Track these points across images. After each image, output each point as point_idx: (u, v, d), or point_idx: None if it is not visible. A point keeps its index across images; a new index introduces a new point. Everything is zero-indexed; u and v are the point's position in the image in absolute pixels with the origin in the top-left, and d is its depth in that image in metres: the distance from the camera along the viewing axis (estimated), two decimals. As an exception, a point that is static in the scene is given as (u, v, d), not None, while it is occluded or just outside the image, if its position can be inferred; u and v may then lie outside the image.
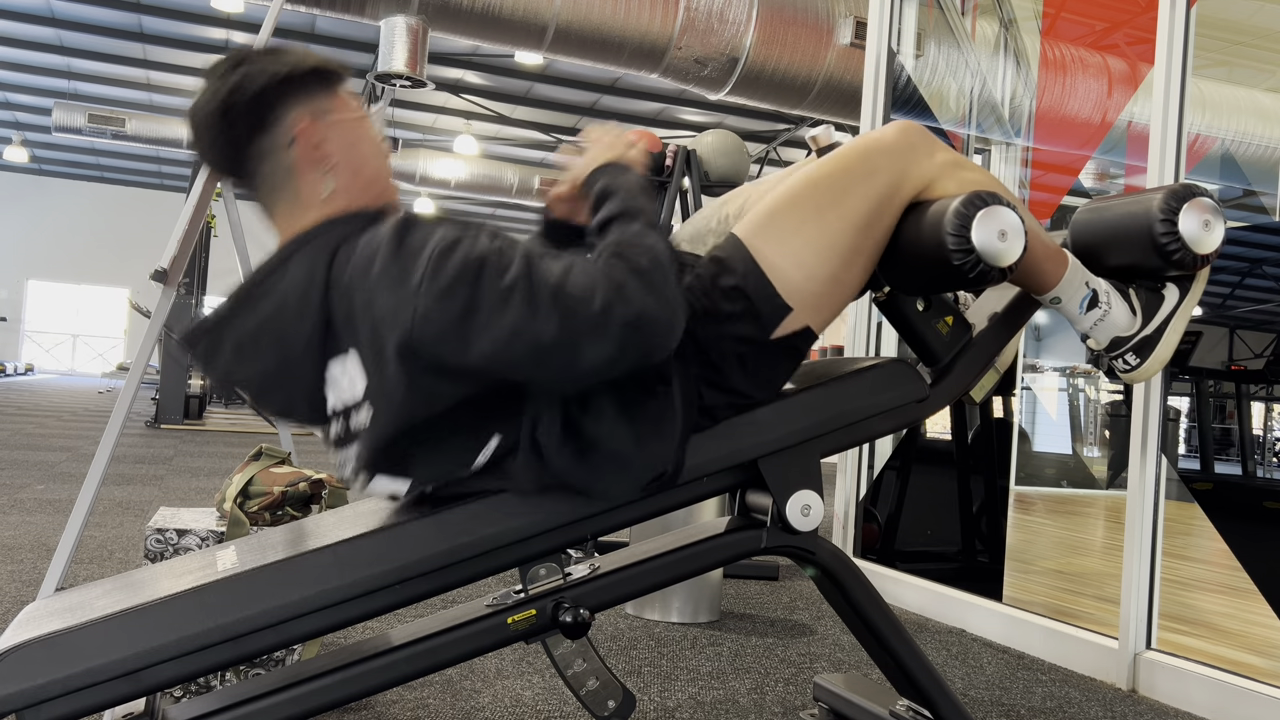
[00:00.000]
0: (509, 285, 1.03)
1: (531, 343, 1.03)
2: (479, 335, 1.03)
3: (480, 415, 1.14)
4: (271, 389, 1.18)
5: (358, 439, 1.15)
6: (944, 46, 3.59)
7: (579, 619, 1.17)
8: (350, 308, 1.10)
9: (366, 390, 1.12)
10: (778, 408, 1.28)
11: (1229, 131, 4.58)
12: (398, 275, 1.05)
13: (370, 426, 1.13)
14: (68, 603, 1.14)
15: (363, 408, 1.13)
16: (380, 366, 1.09)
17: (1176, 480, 2.43)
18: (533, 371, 1.07)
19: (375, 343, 1.08)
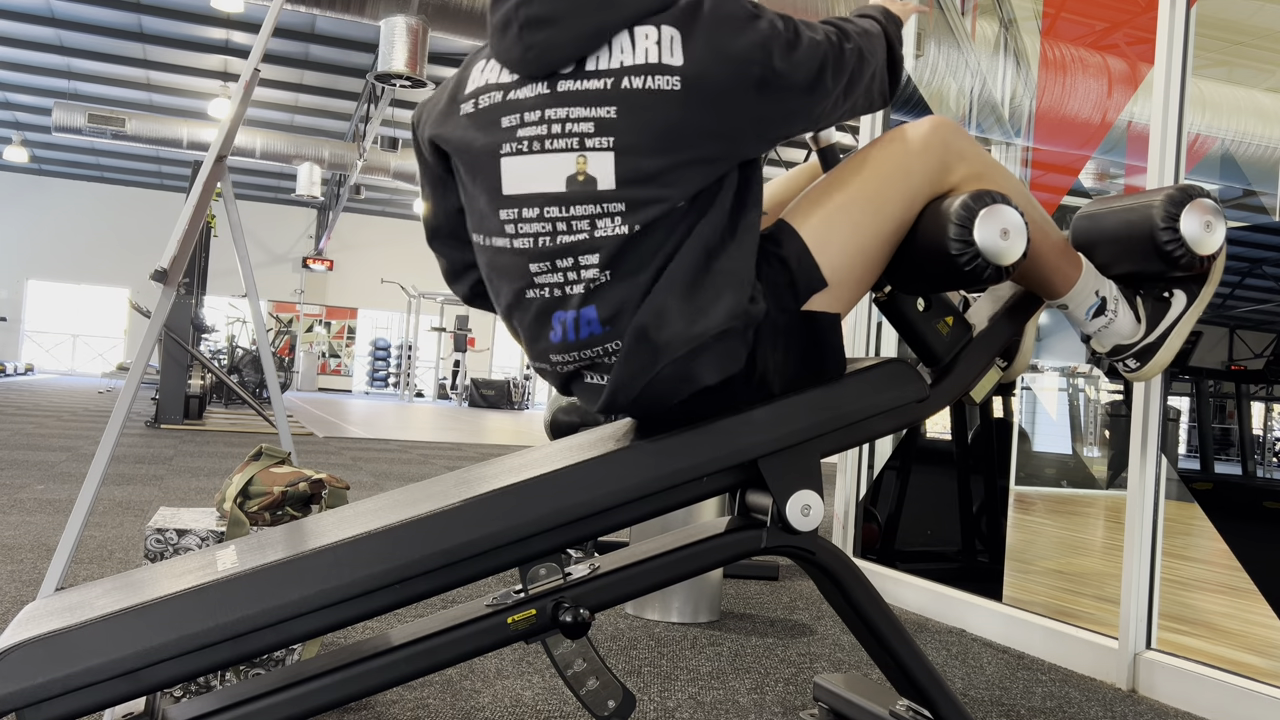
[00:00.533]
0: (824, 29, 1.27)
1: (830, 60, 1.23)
2: (803, 48, 1.21)
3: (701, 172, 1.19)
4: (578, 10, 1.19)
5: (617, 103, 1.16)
6: (944, 46, 3.59)
7: (579, 619, 1.17)
8: (697, 8, 1.19)
9: (683, 70, 1.16)
10: (778, 408, 1.28)
11: (1229, 131, 4.58)
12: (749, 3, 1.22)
13: (663, 102, 1.15)
14: (68, 602, 1.14)
15: (665, 79, 1.16)
16: (711, 53, 1.16)
17: (1176, 480, 2.43)
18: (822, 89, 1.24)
19: (716, 34, 1.18)
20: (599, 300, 1.20)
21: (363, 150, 14.51)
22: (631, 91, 1.16)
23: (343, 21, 11.11)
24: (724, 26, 1.18)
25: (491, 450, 8.61)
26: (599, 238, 1.18)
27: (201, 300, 9.73)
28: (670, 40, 1.17)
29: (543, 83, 1.20)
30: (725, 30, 1.17)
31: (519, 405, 19.35)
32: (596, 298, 1.20)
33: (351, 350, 24.16)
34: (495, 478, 1.26)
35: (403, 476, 5.85)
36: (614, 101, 1.16)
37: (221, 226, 12.14)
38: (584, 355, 1.24)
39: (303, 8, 6.10)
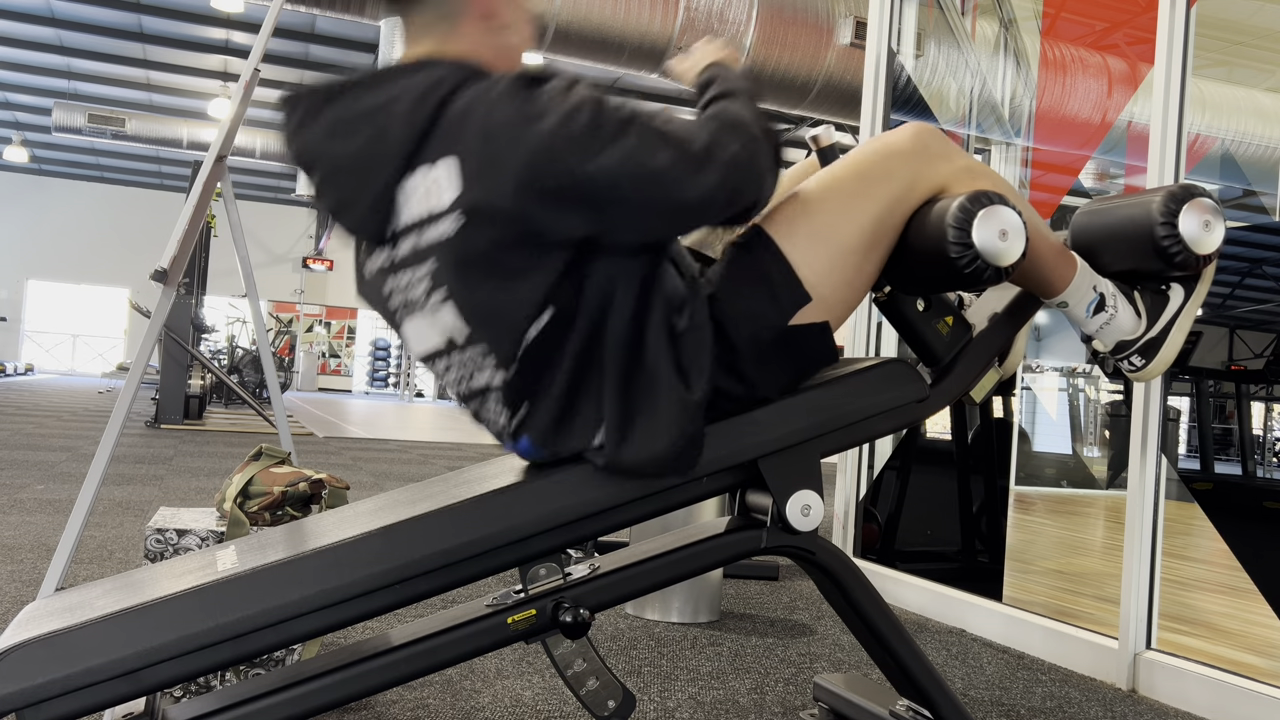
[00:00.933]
0: (628, 118, 1.12)
1: (642, 166, 1.10)
2: (595, 157, 1.09)
3: (543, 286, 1.15)
4: (342, 178, 1.18)
5: (430, 256, 1.15)
6: (944, 46, 3.60)
7: (579, 619, 1.17)
8: (462, 121, 1.12)
9: (457, 200, 1.12)
10: (778, 408, 1.28)
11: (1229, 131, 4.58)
12: (524, 98, 1.11)
13: (455, 237, 1.12)
14: (68, 603, 1.14)
15: (447, 219, 1.13)
16: (485, 178, 1.11)
17: (1176, 480, 2.43)
18: (640, 198, 1.11)
19: (488, 151, 1.10)
20: (528, 432, 1.22)
21: (363, 150, 14.49)
22: (436, 245, 1.15)
23: (343, 21, 11.11)
24: (494, 142, 1.10)
25: (491, 450, 8.61)
26: (492, 384, 1.21)
27: (201, 300, 9.73)
28: (443, 177, 1.12)
29: (387, 248, 1.22)
30: (496, 146, 1.10)
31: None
32: (524, 430, 1.22)
33: (351, 350, 24.15)
34: (495, 478, 1.26)
35: (403, 476, 5.85)
36: (428, 256, 1.16)
37: (221, 226, 12.14)
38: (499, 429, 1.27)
39: (303, 8, 6.10)
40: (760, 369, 1.25)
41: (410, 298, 1.20)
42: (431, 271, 1.16)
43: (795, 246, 1.27)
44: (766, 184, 1.17)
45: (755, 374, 1.25)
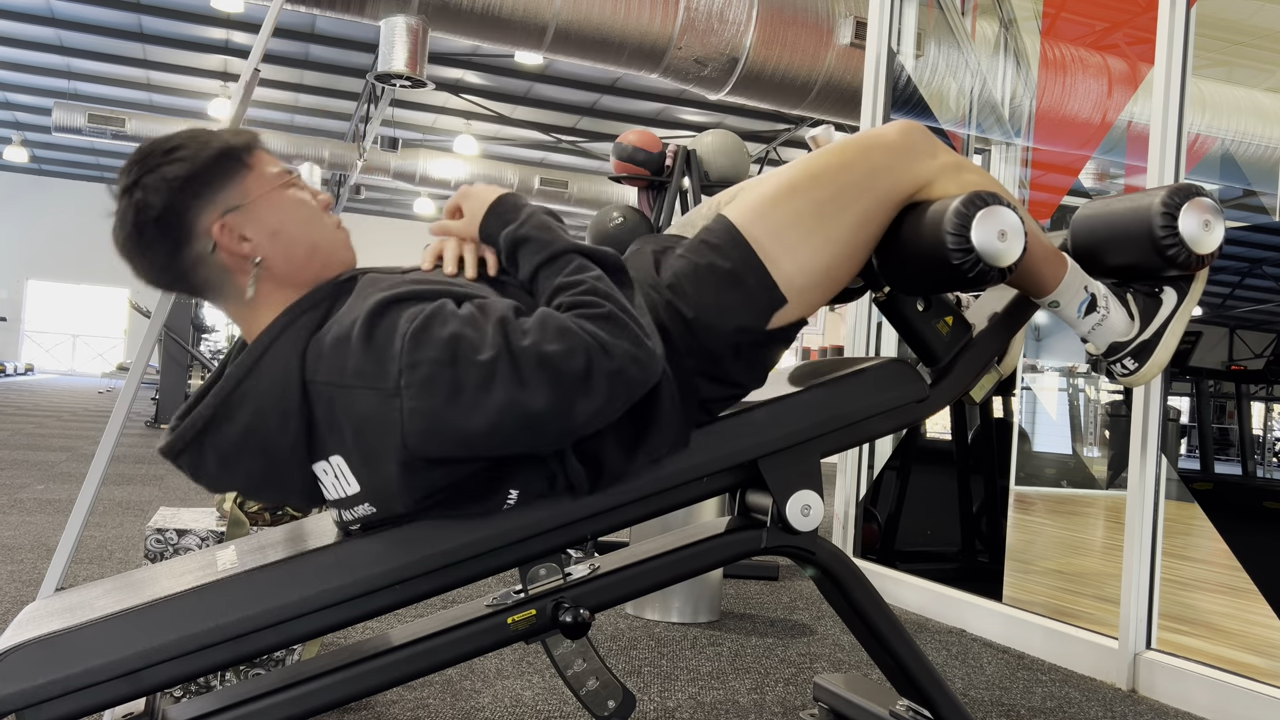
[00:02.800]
0: (490, 360, 1.00)
1: (523, 413, 1.01)
2: (470, 417, 1.01)
3: (491, 479, 1.13)
4: (262, 490, 1.17)
5: (365, 525, 1.15)
6: (944, 46, 3.59)
7: (579, 619, 1.17)
8: (331, 412, 1.06)
9: (362, 491, 1.10)
10: (777, 408, 1.28)
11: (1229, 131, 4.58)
12: (374, 373, 1.02)
13: (379, 514, 1.12)
14: (68, 603, 1.14)
15: (361, 505, 1.12)
16: (373, 469, 1.07)
17: (1176, 480, 2.43)
18: (529, 441, 1.05)
19: (363, 447, 1.06)
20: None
21: (363, 150, 14.50)
22: (362, 519, 1.14)
23: (343, 21, 11.11)
24: (368, 437, 1.05)
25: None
26: None
27: (202, 300, 9.71)
28: (339, 469, 1.10)
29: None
30: (368, 441, 1.05)
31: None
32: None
33: (351, 350, 24.14)
34: (495, 478, 1.25)
35: (403, 476, 5.85)
36: (357, 524, 1.16)
37: (221, 226, 12.10)
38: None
39: (303, 8, 6.10)
40: (745, 369, 1.26)
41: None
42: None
43: (771, 243, 1.25)
44: (655, 362, 1.07)
45: (740, 374, 1.26)
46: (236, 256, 1.11)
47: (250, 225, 1.11)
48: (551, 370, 1.01)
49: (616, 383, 1.03)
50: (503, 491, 1.14)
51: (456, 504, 1.13)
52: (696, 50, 6.34)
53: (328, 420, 1.08)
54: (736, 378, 1.26)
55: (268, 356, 1.09)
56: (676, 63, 6.41)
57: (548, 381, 1.01)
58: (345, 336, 1.05)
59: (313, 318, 1.10)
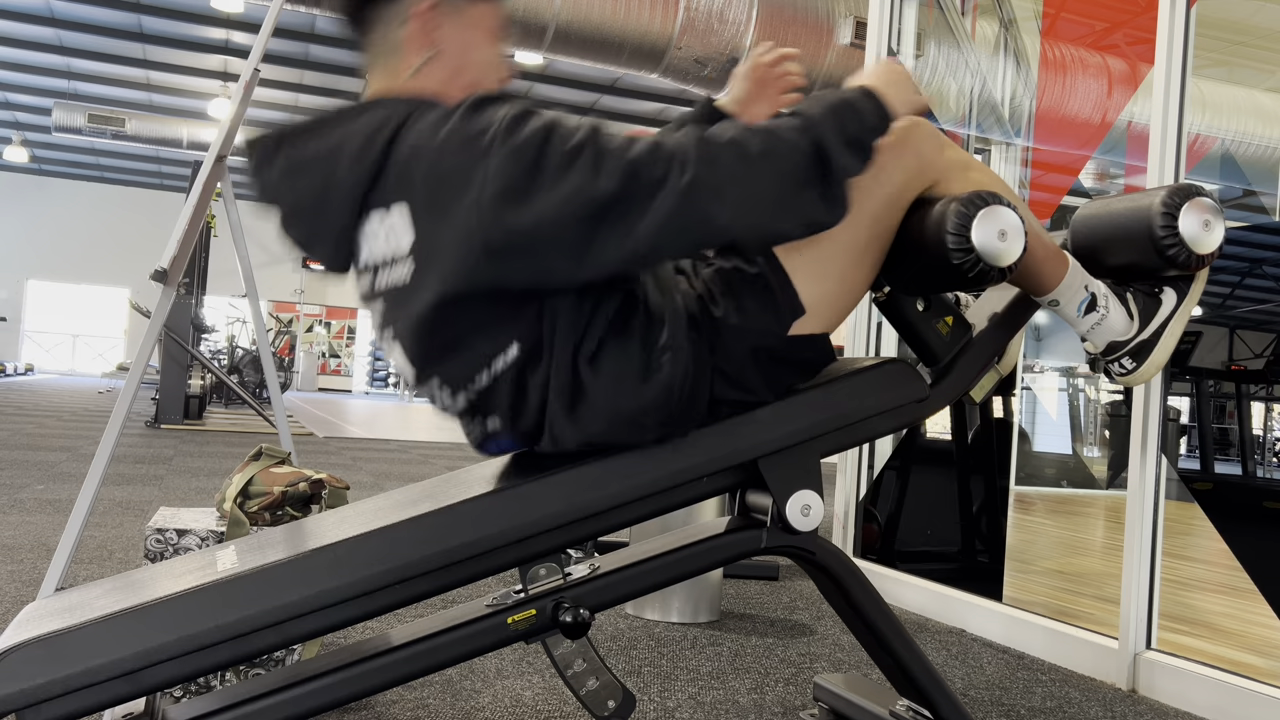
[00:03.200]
0: (576, 145, 1.07)
1: (590, 200, 1.06)
2: (544, 192, 1.06)
3: (504, 317, 1.15)
4: (302, 219, 1.20)
5: (389, 298, 1.17)
6: (944, 46, 3.59)
7: (579, 619, 1.17)
8: (410, 165, 1.11)
9: (412, 246, 1.13)
10: (778, 408, 1.28)
11: (1229, 131, 4.58)
12: (469, 137, 1.09)
13: (410, 285, 1.14)
14: (68, 603, 1.14)
15: (403, 264, 1.14)
16: (436, 223, 1.11)
17: (1176, 480, 2.43)
18: (586, 236, 1.07)
19: (436, 199, 1.10)
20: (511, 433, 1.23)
21: (363, 150, 14.49)
22: (385, 291, 1.18)
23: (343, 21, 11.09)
24: (443, 190, 1.09)
25: (491, 450, 8.59)
26: (453, 406, 1.23)
27: (201, 300, 9.73)
28: (399, 219, 1.13)
29: (359, 279, 1.25)
30: (444, 194, 1.09)
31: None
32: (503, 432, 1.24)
33: (352, 350, 24.15)
34: (495, 478, 1.26)
35: (403, 476, 5.85)
36: (379, 299, 1.20)
37: (221, 226, 12.14)
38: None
39: (303, 8, 6.11)
40: (761, 376, 1.26)
41: (374, 325, 1.24)
42: (383, 312, 1.20)
43: (793, 251, 1.26)
44: (730, 210, 1.08)
45: (756, 381, 1.25)
46: (418, 40, 1.21)
47: (449, 28, 1.22)
48: (628, 167, 1.06)
49: (684, 206, 1.06)
50: (507, 337, 1.14)
51: (467, 326, 1.14)
52: (696, 50, 6.34)
53: (403, 172, 1.12)
54: (752, 384, 1.25)
55: (378, 106, 1.17)
56: (676, 63, 6.41)
57: (622, 176, 1.06)
58: (449, 110, 1.13)
59: (431, 105, 1.16)
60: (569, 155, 1.06)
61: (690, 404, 1.21)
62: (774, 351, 1.25)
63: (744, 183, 1.09)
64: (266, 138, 1.20)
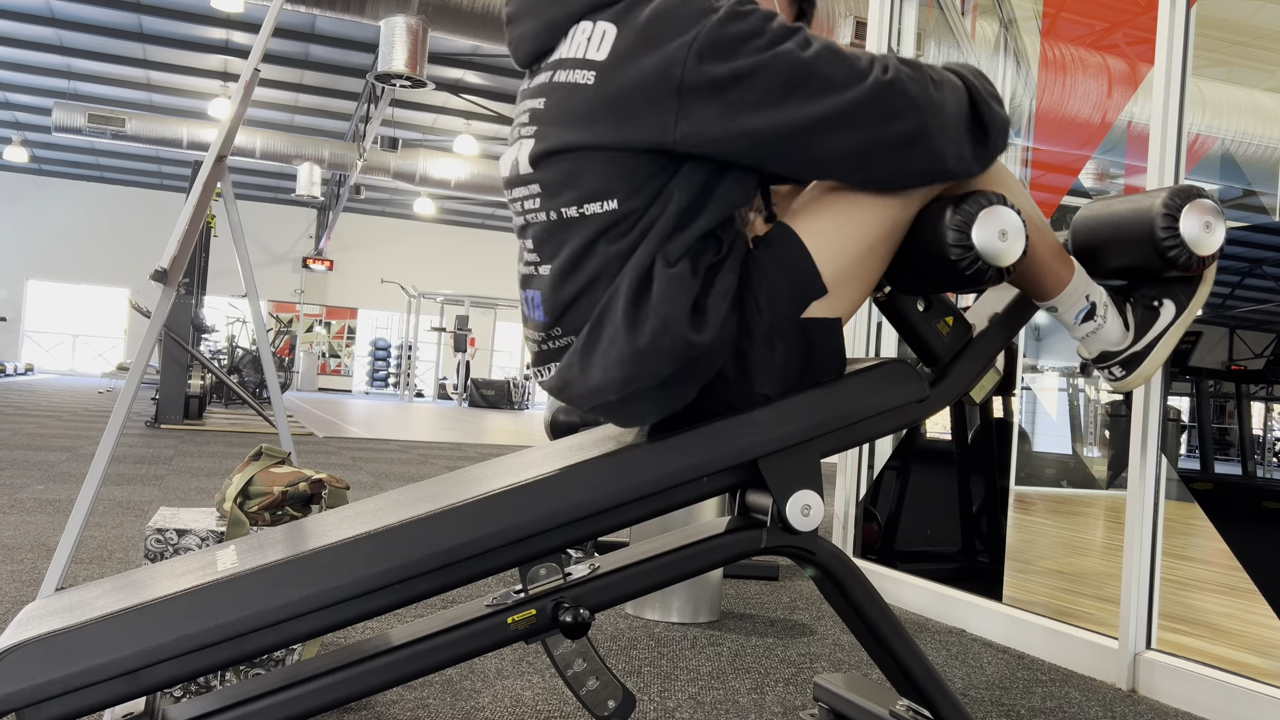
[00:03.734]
0: (796, 25, 1.17)
1: (793, 62, 1.14)
2: (752, 52, 1.13)
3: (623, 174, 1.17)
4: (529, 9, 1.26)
5: (557, 93, 1.20)
6: (944, 46, 3.59)
7: (579, 619, 1.17)
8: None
9: (601, 64, 1.17)
10: (778, 408, 1.27)
11: (1229, 131, 4.58)
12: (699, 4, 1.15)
13: (576, 93, 1.18)
14: (68, 603, 1.14)
15: (583, 73, 1.18)
16: (633, 53, 1.15)
17: (1176, 480, 2.43)
18: (774, 99, 1.14)
19: (646, 31, 1.15)
20: (541, 286, 1.26)
21: (363, 150, 14.51)
22: (558, 85, 1.22)
23: (343, 21, 11.12)
24: (659, 23, 1.15)
25: (491, 450, 8.61)
26: (532, 222, 1.26)
27: (201, 300, 9.73)
28: (602, 36, 1.18)
29: (526, 77, 1.30)
30: (658, 27, 1.15)
31: (519, 405, 19.35)
32: (537, 283, 1.27)
33: (351, 350, 24.15)
34: (495, 478, 1.26)
35: (403, 476, 5.85)
36: (546, 93, 1.23)
37: (221, 226, 12.15)
38: (539, 340, 1.30)
39: (303, 8, 6.11)
40: (766, 358, 1.24)
41: (518, 122, 1.28)
42: (535, 108, 1.24)
43: (816, 237, 1.26)
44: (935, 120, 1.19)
45: (758, 363, 1.24)
46: None
47: None
48: (836, 53, 1.16)
49: (884, 90, 1.16)
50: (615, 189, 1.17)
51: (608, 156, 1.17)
52: (696, 50, 6.33)
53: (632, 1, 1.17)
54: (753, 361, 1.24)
55: None
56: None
57: (832, 54, 1.15)
58: None
59: None
60: (786, 29, 1.15)
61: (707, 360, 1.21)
62: (783, 330, 1.24)
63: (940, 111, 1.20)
64: None
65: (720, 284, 1.20)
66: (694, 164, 1.18)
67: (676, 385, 1.20)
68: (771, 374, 1.25)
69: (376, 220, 23.95)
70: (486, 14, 6.10)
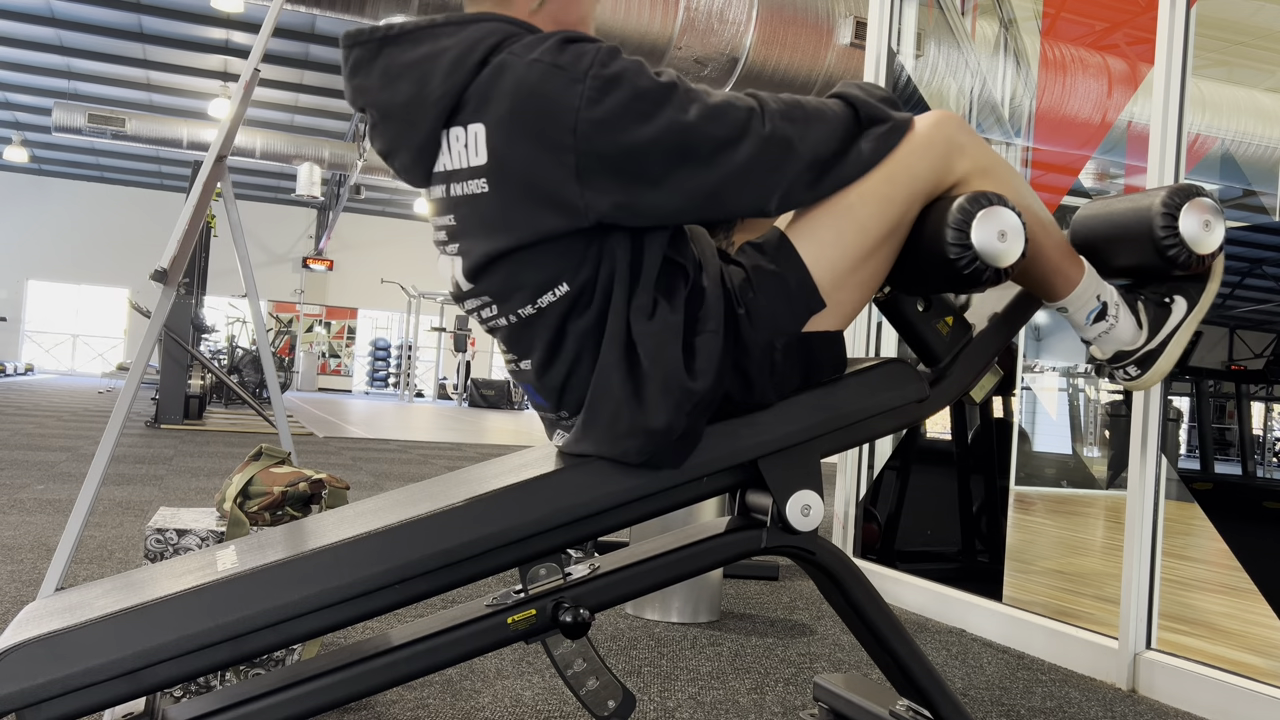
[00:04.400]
0: (669, 84, 1.14)
1: (682, 132, 1.12)
2: (635, 123, 1.11)
3: (561, 251, 1.16)
4: (391, 126, 1.22)
5: (461, 207, 1.19)
6: (944, 46, 3.59)
7: (579, 619, 1.17)
8: (496, 82, 1.13)
9: (485, 166, 1.15)
10: (778, 408, 1.27)
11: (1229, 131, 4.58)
12: (566, 62, 1.12)
13: (478, 203, 1.17)
14: (68, 603, 1.14)
15: (475, 182, 1.17)
16: (515, 143, 1.13)
17: (1176, 480, 2.43)
18: (672, 166, 1.13)
19: (518, 123, 1.12)
20: (528, 380, 1.26)
21: (363, 150, 14.51)
22: (458, 199, 1.20)
23: (343, 21, 11.11)
24: (527, 110, 1.12)
25: (491, 450, 8.61)
26: (496, 327, 1.26)
27: (201, 300, 9.73)
28: (474, 138, 1.16)
29: (426, 193, 1.28)
30: (529, 115, 1.12)
31: (519, 405, 19.35)
32: (523, 377, 1.27)
33: (351, 350, 24.15)
34: (495, 478, 1.26)
35: (403, 476, 5.85)
36: (453, 209, 1.22)
37: (221, 226, 12.15)
38: (553, 420, 1.30)
39: (303, 8, 6.11)
40: (767, 374, 1.24)
41: (438, 239, 1.27)
42: (453, 224, 1.22)
43: (815, 247, 1.25)
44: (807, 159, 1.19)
45: (760, 378, 1.24)
46: None
47: None
48: (716, 110, 1.15)
49: (763, 150, 1.16)
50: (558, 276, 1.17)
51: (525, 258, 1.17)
52: (696, 50, 6.34)
53: (487, 91, 1.14)
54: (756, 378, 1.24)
55: (482, 21, 1.19)
56: (676, 63, 6.41)
57: (711, 113, 1.14)
58: (544, 37, 1.15)
59: (530, 31, 1.19)
60: (663, 90, 1.13)
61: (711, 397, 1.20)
62: (785, 347, 1.24)
63: (807, 135, 1.20)
64: (369, 39, 1.21)
65: (706, 314, 1.20)
66: (618, 228, 1.18)
67: (691, 431, 1.21)
68: (773, 386, 1.26)
69: (376, 220, 23.94)
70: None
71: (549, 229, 1.14)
